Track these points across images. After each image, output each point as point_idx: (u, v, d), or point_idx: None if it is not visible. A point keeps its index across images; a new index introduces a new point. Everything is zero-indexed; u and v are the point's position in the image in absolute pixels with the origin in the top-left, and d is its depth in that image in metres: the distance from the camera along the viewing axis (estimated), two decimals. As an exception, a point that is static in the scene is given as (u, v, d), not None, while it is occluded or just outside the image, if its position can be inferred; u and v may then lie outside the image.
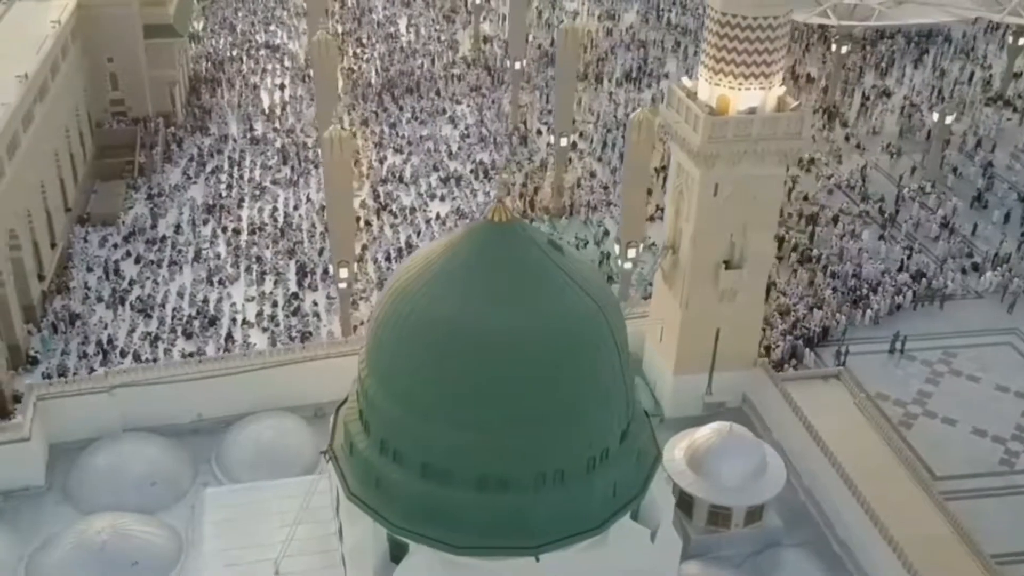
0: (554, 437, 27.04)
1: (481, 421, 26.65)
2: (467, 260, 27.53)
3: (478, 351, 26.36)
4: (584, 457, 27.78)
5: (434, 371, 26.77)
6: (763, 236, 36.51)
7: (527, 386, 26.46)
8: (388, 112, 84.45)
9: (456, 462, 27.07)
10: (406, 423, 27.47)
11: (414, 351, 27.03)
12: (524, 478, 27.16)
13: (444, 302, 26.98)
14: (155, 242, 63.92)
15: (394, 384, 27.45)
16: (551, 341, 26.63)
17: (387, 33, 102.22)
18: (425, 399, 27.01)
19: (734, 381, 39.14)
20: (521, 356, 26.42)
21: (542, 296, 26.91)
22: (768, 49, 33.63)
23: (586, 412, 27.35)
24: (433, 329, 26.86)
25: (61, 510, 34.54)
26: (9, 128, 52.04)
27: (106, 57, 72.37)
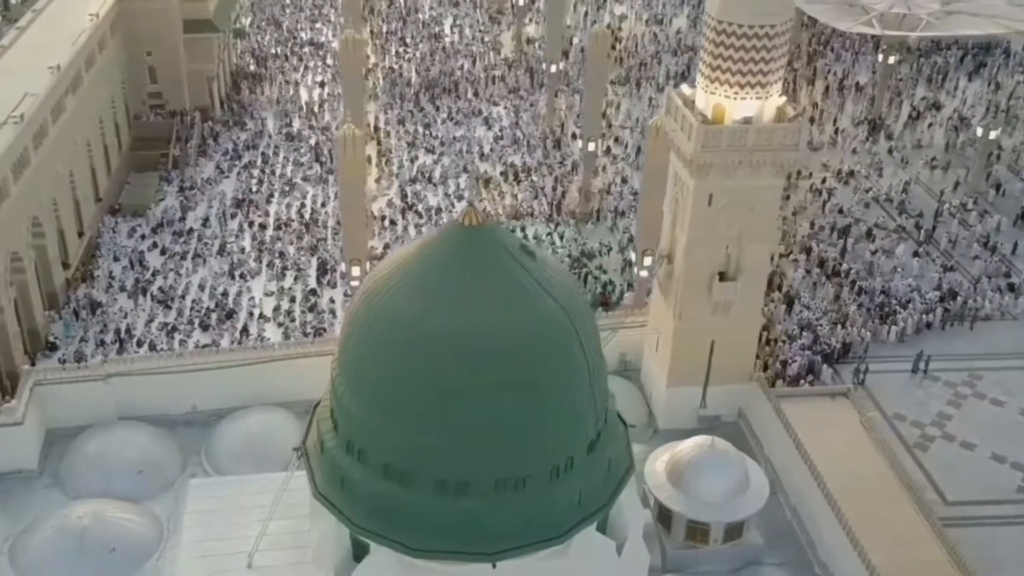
0: (516, 443, 26.93)
1: (441, 424, 26.68)
2: (436, 262, 27.59)
3: (439, 353, 26.41)
4: (547, 465, 27.63)
5: (396, 372, 26.92)
6: (759, 248, 36.02)
7: (488, 390, 26.41)
8: (424, 112, 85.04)
9: (416, 464, 27.14)
10: (370, 423, 27.65)
11: (378, 351, 27.22)
12: (484, 483, 27.10)
13: (410, 304, 27.07)
14: (182, 234, 65.21)
15: (360, 383, 27.66)
16: (515, 346, 26.57)
17: (431, 33, 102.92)
18: (387, 399, 27.16)
19: (730, 395, 38.68)
20: (483, 360, 26.40)
21: (508, 301, 26.82)
22: (765, 59, 33.20)
23: (550, 420, 27.20)
24: (397, 330, 27.00)
25: (50, 494, 35.49)
26: (37, 118, 53.52)
27: (145, 51, 74.07)
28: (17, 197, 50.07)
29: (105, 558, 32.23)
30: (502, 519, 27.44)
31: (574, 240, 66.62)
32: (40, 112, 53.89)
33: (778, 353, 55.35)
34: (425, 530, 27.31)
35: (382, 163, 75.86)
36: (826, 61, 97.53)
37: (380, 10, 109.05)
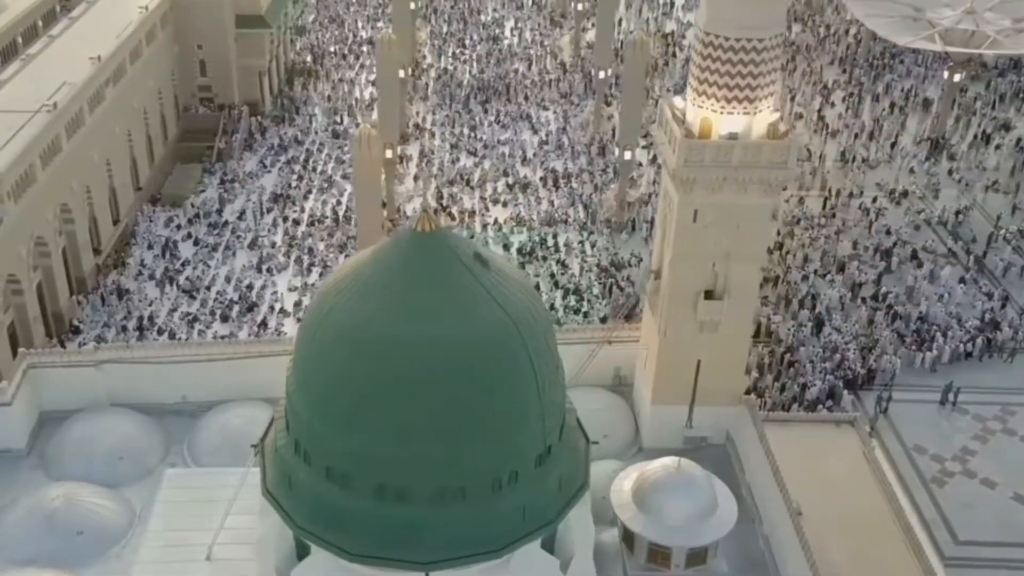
0: (455, 453, 26.83)
1: (380, 429, 26.73)
2: (387, 268, 27.71)
3: (381, 359, 26.50)
4: (488, 477, 27.48)
5: (339, 375, 27.08)
6: (747, 268, 35.07)
7: (428, 399, 26.36)
8: (472, 114, 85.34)
9: (356, 468, 27.27)
10: (314, 424, 27.88)
11: (324, 353, 27.44)
12: (422, 491, 27.07)
13: (357, 308, 27.23)
14: (217, 226, 66.66)
15: (307, 384, 27.91)
16: (458, 355, 26.48)
17: (491, 35, 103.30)
18: (330, 402, 27.36)
19: (718, 417, 37.80)
20: (424, 368, 26.36)
21: (455, 309, 26.77)
22: (752, 73, 32.31)
23: (491, 431, 27.04)
24: (343, 333, 27.18)
25: (34, 475, 36.51)
26: (71, 107, 55.37)
27: (196, 44, 76.02)
28: (45, 184, 51.87)
29: (72, 540, 32.94)
30: (440, 529, 27.40)
31: (605, 249, 66.13)
32: (75, 101, 55.77)
33: (799, 376, 54.27)
34: (363, 535, 27.43)
35: (423, 163, 76.38)
36: (894, 76, 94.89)
37: (443, 10, 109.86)
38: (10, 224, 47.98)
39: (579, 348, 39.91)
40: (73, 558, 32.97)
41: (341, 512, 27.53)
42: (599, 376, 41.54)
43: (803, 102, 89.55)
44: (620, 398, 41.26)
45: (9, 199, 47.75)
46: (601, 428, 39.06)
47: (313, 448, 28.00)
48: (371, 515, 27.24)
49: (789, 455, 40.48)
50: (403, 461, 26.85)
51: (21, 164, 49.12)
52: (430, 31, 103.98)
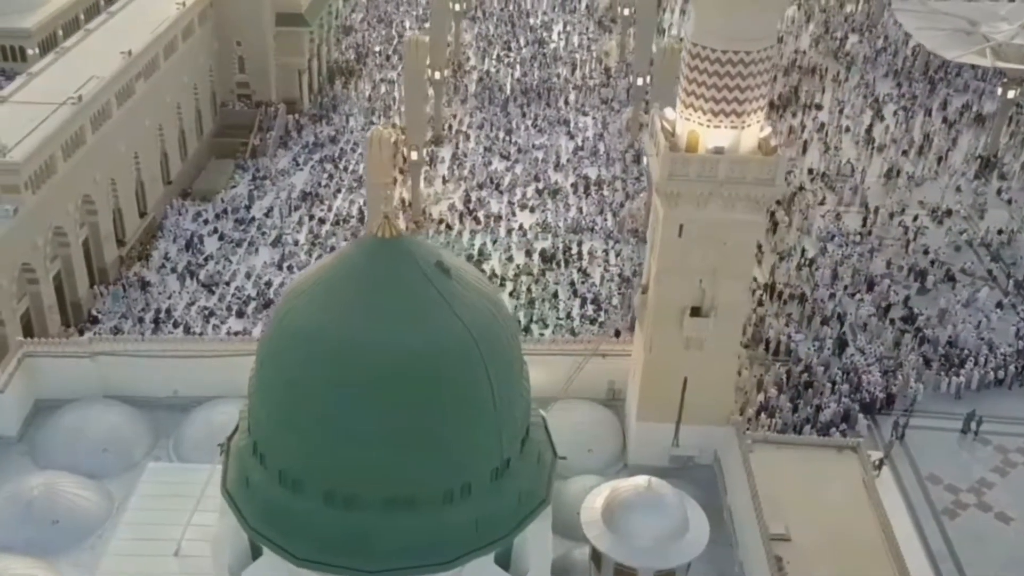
0: (404, 462, 26.69)
1: (330, 434, 26.75)
2: (346, 273, 27.75)
3: (333, 364, 26.52)
4: (440, 488, 27.27)
5: (293, 378, 27.13)
6: (735, 285, 34.35)
7: (379, 406, 26.26)
8: (510, 117, 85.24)
9: (306, 473, 27.29)
10: (268, 426, 28.02)
11: (280, 356, 27.57)
12: (372, 499, 26.96)
13: (314, 312, 27.30)
14: (244, 222, 67.54)
15: (264, 386, 28.06)
16: (411, 364, 26.33)
17: (538, 38, 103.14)
18: (284, 405, 27.46)
19: (705, 436, 37.09)
20: (375, 375, 26.29)
21: (410, 317, 26.65)
22: (740, 86, 31.61)
23: (442, 442, 26.82)
24: (298, 337, 27.25)
25: (22, 462, 37.36)
26: (97, 100, 56.58)
27: (235, 41, 77.18)
28: (66, 175, 53.11)
29: (47, 529, 33.65)
30: (389, 538, 27.27)
31: (629, 259, 65.44)
32: (102, 95, 56.98)
33: (813, 397, 53.08)
34: (312, 540, 27.41)
35: (454, 166, 76.52)
36: (951, 90, 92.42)
37: (492, 12, 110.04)
38: (26, 214, 49.20)
39: (575, 360, 39.82)
40: (48, 547, 33.60)
41: (291, 516, 27.53)
42: (593, 389, 41.18)
43: (852, 115, 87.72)
44: (611, 413, 40.78)
45: (26, 190, 48.96)
46: (587, 442, 39.01)
47: (268, 450, 28.11)
48: (320, 521, 27.22)
49: (786, 479, 39.65)
50: (351, 467, 26.80)
51: (40, 156, 50.33)
52: (477, 33, 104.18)
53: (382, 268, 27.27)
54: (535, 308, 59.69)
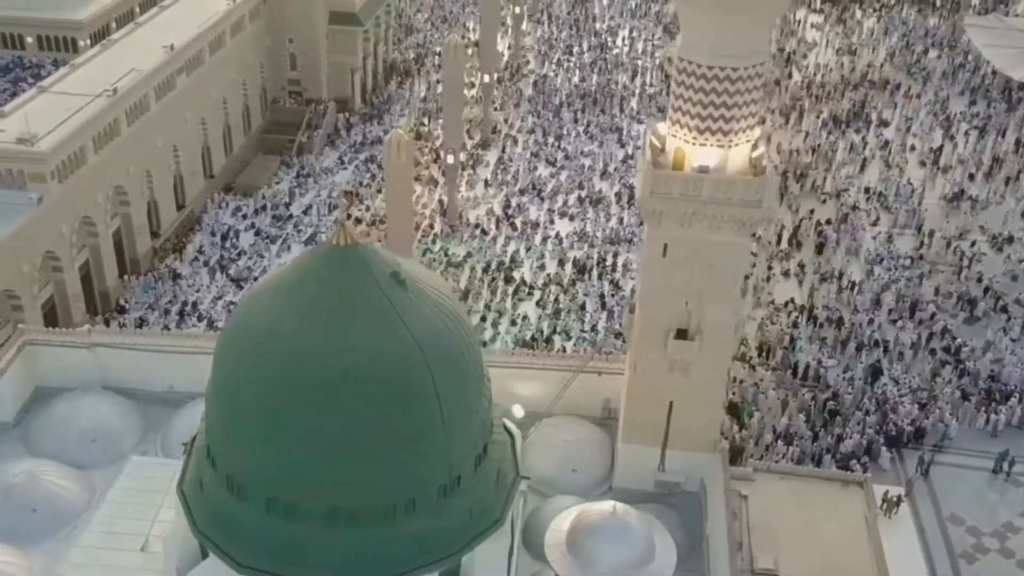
0: (344, 475, 26.53)
1: (270, 442, 26.72)
2: (300, 280, 27.72)
3: (276, 371, 26.47)
4: (381, 502, 27.06)
5: (239, 383, 27.25)
6: (720, 309, 33.18)
7: (319, 416, 26.18)
8: (561, 123, 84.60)
9: (250, 480, 27.39)
10: (219, 431, 28.20)
11: (229, 359, 27.68)
12: (312, 510, 26.90)
13: (264, 317, 27.34)
14: (281, 219, 68.34)
15: (215, 389, 28.24)
16: (352, 375, 26.13)
17: (601, 43, 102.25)
18: (231, 410, 27.61)
19: (693, 463, 35.98)
20: (318, 385, 26.15)
21: (357, 328, 26.46)
22: (727, 103, 30.50)
23: (384, 456, 26.55)
24: (247, 341, 27.37)
25: (14, 448, 38.23)
26: (134, 93, 57.87)
27: (287, 38, 78.20)
28: (97, 166, 54.42)
29: (25, 517, 34.24)
30: (329, 549, 27.21)
31: (665, 274, 64.11)
32: (139, 88, 58.23)
33: (835, 426, 51.30)
34: (253, 547, 27.43)
35: (498, 170, 76.26)
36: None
37: (558, 15, 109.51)
38: (52, 203, 50.55)
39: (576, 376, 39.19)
40: (24, 534, 34.19)
41: (236, 521, 27.63)
42: (588, 407, 40.49)
43: (920, 133, 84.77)
44: (604, 432, 39.94)
45: (52, 179, 50.30)
46: (573, 461, 38.34)
47: (218, 454, 28.25)
48: (261, 528, 27.20)
49: (784, 511, 38.50)
50: (292, 476, 26.72)
51: (69, 146, 51.66)
52: (539, 36, 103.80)
53: (335, 276, 27.10)
54: (560, 319, 59.01)
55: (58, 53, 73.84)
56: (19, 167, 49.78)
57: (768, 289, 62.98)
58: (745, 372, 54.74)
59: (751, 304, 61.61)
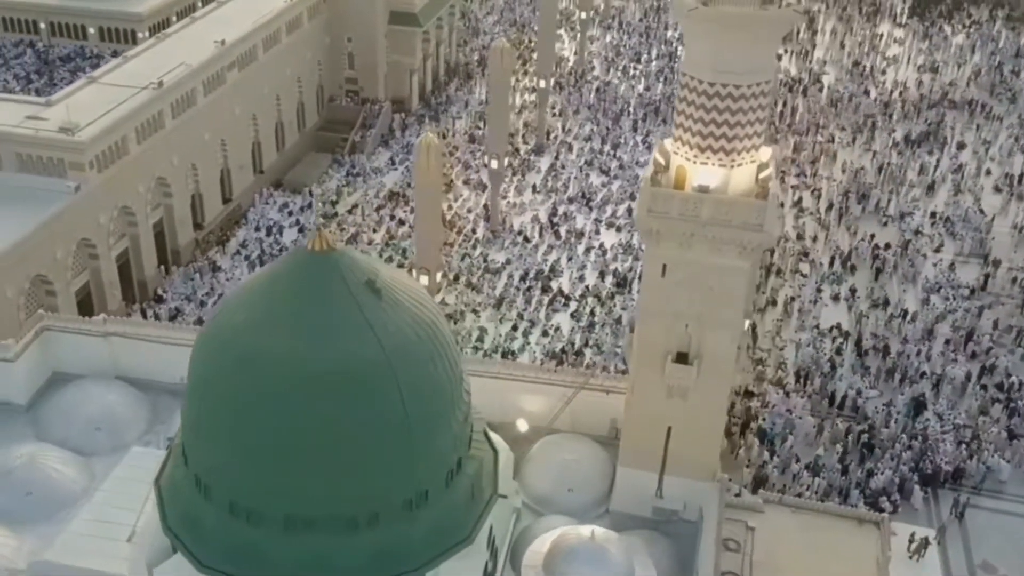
0: (301, 481, 26.62)
1: (233, 444, 27.01)
2: (272, 284, 27.98)
3: (239, 375, 26.76)
4: (342, 513, 27.05)
5: (206, 383, 27.57)
6: (721, 335, 32.24)
7: (278, 423, 26.30)
8: (620, 132, 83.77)
9: (215, 482, 27.67)
10: (190, 430, 28.54)
11: (199, 360, 27.96)
12: (271, 516, 27.04)
13: (233, 319, 27.68)
14: (327, 217, 68.98)
15: (189, 387, 28.48)
16: (316, 381, 26.17)
17: (670, 52, 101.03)
18: (200, 409, 27.93)
19: (692, 491, 35.04)
20: (279, 389, 26.27)
21: (324, 334, 26.51)
22: (729, 122, 29.63)
23: (343, 465, 26.55)
24: (215, 342, 27.71)
25: (24, 431, 39.24)
26: (181, 87, 59.09)
27: (346, 37, 79.00)
28: (138, 157, 55.70)
29: (21, 499, 35.08)
30: (289, 556, 27.30)
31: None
32: (185, 82, 59.43)
33: (867, 460, 49.65)
34: (216, 548, 27.75)
35: (549, 177, 75.88)
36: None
37: (630, 22, 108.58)
38: (89, 192, 51.90)
39: (584, 394, 38.73)
40: (18, 516, 35.01)
41: (202, 522, 27.95)
42: (595, 425, 39.89)
43: (998, 157, 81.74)
44: (607, 453, 39.21)
45: (91, 168, 51.65)
46: (571, 481, 37.75)
47: (190, 453, 28.58)
48: (224, 530, 27.46)
49: (792, 547, 37.44)
50: (252, 481, 26.89)
51: (109, 137, 52.98)
52: (608, 42, 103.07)
53: (307, 282, 27.18)
54: (593, 332, 58.34)
55: (118, 45, 75.98)
56: (59, 155, 51.27)
57: (814, 313, 61.30)
58: (779, 397, 53.36)
59: (794, 327, 60.14)
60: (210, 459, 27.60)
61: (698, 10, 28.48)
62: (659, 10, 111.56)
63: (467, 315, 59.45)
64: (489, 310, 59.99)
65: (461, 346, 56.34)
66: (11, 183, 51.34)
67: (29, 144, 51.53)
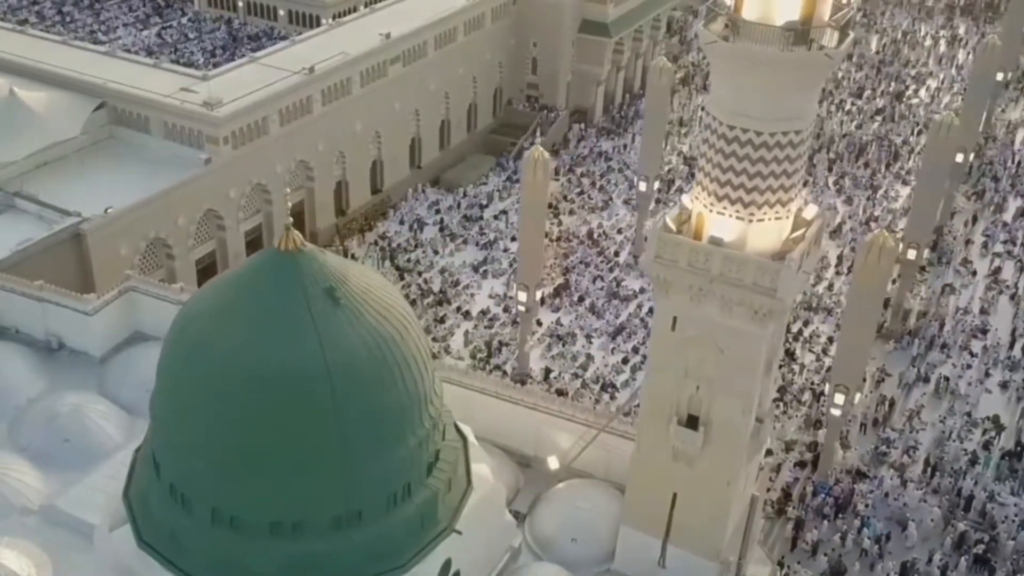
0: (226, 481, 27.35)
1: (169, 434, 28.24)
2: (234, 282, 29.04)
3: (179, 368, 27.97)
4: (264, 517, 27.42)
5: (159, 377, 28.68)
6: (732, 403, 29.76)
7: (211, 417, 27.05)
8: (813, 170, 79.37)
9: (160, 461, 28.78)
10: (154, 431, 29.67)
11: (162, 354, 29.00)
12: (200, 509, 27.84)
13: (190, 310, 28.79)
14: (472, 219, 70.06)
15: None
16: (252, 386, 26.61)
17: (899, 91, 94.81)
18: (155, 404, 29.12)
19: (698, 568, 32.74)
20: (213, 388, 26.97)
21: (269, 335, 26.97)
22: (748, 171, 27.20)
23: (263, 469, 26.92)
24: (171, 333, 28.75)
25: (88, 382, 42.16)
26: (332, 76, 61.68)
27: (532, 41, 79.59)
28: (279, 138, 58.72)
29: (57, 444, 37.92)
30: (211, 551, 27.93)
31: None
32: (338, 71, 61.93)
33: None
34: (154, 525, 28.81)
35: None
36: None
37: (861, 53, 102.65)
38: (220, 165, 55.35)
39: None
40: (51, 460, 37.92)
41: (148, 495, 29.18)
42: (621, 472, 38.21)
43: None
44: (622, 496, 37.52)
45: (225, 144, 55.04)
46: (577, 530, 36.57)
47: (159, 457, 29.15)
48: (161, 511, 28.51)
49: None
50: (184, 471, 27.89)
51: (248, 116, 56.22)
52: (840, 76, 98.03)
53: (265, 281, 27.86)
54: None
55: (304, 28, 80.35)
56: (198, 127, 55.10)
57: (972, 399, 55.74)
58: (893, 484, 49.08)
59: (943, 411, 54.90)
60: (157, 443, 28.50)
61: (717, 44, 26.68)
62: (897, 42, 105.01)
63: (579, 339, 58.49)
64: (604, 338, 58.74)
65: (560, 370, 55.68)
66: (156, 148, 55.74)
67: (174, 114, 55.73)
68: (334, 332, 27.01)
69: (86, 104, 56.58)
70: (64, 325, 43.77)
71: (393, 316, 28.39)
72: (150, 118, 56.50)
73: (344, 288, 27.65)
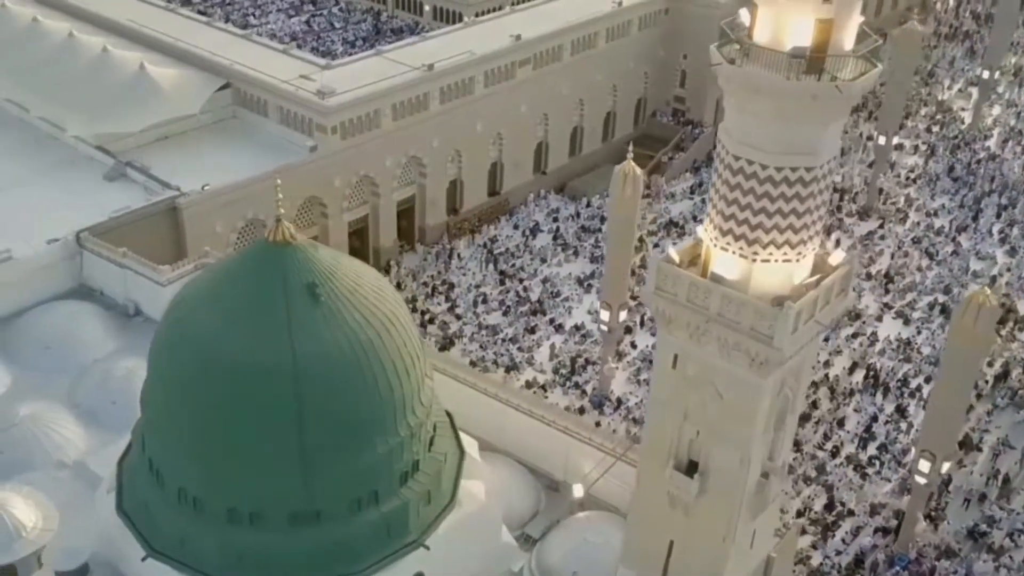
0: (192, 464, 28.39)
1: (152, 424, 29.47)
2: (221, 271, 30.06)
3: (159, 356, 28.91)
4: (222, 504, 28.26)
5: (150, 361, 29.90)
6: (728, 453, 28.07)
7: (184, 405, 28.16)
8: (978, 213, 74.33)
9: (143, 446, 29.98)
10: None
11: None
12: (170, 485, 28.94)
13: (179, 298, 29.86)
14: (588, 231, 69.41)
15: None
16: (219, 376, 27.51)
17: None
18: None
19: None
20: (184, 375, 28.16)
21: (241, 325, 27.73)
22: (752, 207, 25.43)
23: (228, 459, 27.76)
24: (162, 322, 29.94)
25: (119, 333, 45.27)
26: (455, 73, 62.32)
27: (682, 54, 77.94)
28: (391, 133, 59.88)
29: (106, 406, 39.24)
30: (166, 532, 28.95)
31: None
32: (459, 70, 62.49)
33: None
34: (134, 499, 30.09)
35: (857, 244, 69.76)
36: None
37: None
38: (326, 154, 57.02)
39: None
40: (100, 420, 40.27)
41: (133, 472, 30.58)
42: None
43: None
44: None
45: (333, 133, 56.67)
46: (580, 564, 35.98)
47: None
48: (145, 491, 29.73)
49: None
50: (163, 455, 28.97)
51: (359, 108, 57.62)
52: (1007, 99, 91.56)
53: (248, 275, 28.86)
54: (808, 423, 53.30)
55: (447, 24, 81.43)
56: (309, 115, 56.98)
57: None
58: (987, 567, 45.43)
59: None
60: (164, 453, 29.53)
61: (722, 67, 25.44)
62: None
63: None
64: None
65: (643, 398, 54.20)
66: (271, 132, 58.15)
67: (289, 99, 57.90)
68: (308, 329, 27.39)
69: (211, 83, 59.63)
70: (141, 292, 46.41)
71: (377, 319, 28.45)
72: (268, 102, 58.95)
73: (329, 285, 28.05)
